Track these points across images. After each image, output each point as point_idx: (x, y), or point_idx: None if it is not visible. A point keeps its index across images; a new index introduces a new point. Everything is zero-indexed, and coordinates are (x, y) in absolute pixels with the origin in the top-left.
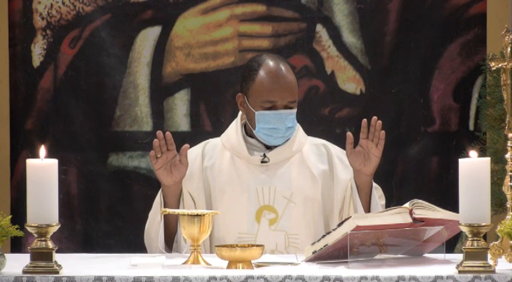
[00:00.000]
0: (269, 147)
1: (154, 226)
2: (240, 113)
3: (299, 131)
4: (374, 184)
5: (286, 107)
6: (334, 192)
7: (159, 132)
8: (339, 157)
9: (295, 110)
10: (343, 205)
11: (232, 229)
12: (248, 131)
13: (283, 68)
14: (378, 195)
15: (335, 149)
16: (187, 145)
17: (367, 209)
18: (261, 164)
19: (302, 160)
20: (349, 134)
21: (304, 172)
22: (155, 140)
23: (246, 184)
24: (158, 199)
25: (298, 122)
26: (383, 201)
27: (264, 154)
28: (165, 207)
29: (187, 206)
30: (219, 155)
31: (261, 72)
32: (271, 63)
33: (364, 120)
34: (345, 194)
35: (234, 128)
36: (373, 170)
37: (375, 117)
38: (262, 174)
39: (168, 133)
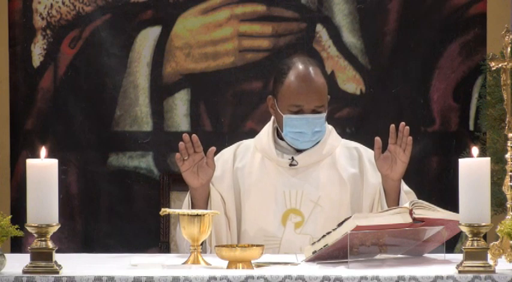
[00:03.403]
0: (299, 150)
1: None
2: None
3: (331, 134)
4: (407, 189)
5: (313, 111)
6: (363, 196)
7: (185, 135)
8: (371, 160)
9: (323, 114)
10: (371, 209)
11: (259, 231)
12: (280, 133)
13: (312, 71)
14: (409, 199)
15: (367, 153)
16: (214, 148)
17: None
18: (289, 166)
19: (333, 163)
20: (377, 138)
21: (334, 176)
22: (180, 142)
23: (274, 187)
24: (187, 201)
25: None
26: None
27: (292, 157)
28: (192, 208)
29: (215, 207)
30: (251, 156)
31: (290, 76)
32: (300, 66)
33: (392, 126)
34: (373, 198)
35: (266, 130)
36: (400, 175)
37: (402, 123)
38: (291, 177)
39: (194, 135)
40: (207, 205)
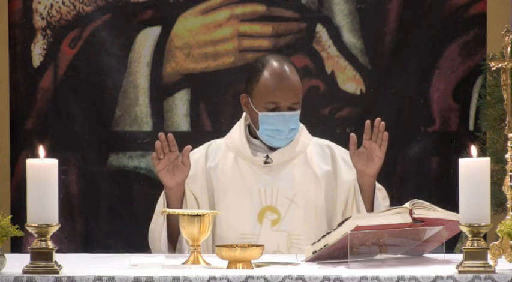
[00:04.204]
0: (272, 148)
1: (157, 227)
2: (244, 113)
3: (303, 131)
4: (378, 185)
5: (289, 109)
6: (337, 193)
7: (161, 134)
8: (343, 158)
9: (298, 112)
10: (346, 206)
11: (234, 230)
12: (252, 131)
13: (287, 69)
14: (381, 196)
15: (339, 150)
16: (189, 146)
17: (370, 210)
18: (264, 164)
19: (305, 161)
20: (352, 135)
21: (308, 173)
22: (157, 141)
23: (248, 185)
24: (161, 200)
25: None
26: (387, 203)
27: (267, 155)
28: (168, 208)
29: (190, 207)
30: (223, 155)
31: (265, 73)
32: (275, 64)
33: (368, 122)
34: (348, 195)
35: (238, 129)
36: (376, 171)
37: (378, 119)
38: (265, 175)
39: (170, 134)
40: (182, 204)
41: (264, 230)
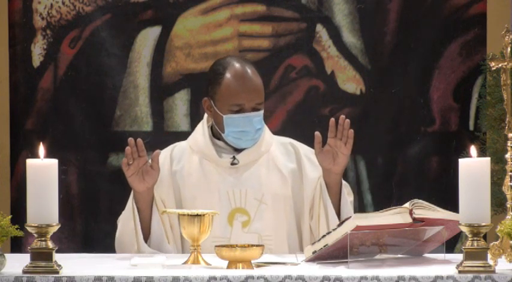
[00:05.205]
0: (237, 149)
1: (127, 232)
2: (206, 115)
3: (266, 131)
4: (343, 182)
5: (253, 109)
6: (303, 191)
7: (130, 139)
8: (307, 156)
9: (262, 111)
10: (313, 204)
11: None
12: (215, 133)
13: (249, 70)
14: (346, 191)
15: (303, 148)
16: (158, 151)
17: (337, 207)
18: (230, 166)
19: (270, 160)
20: (317, 133)
21: (274, 172)
22: (127, 147)
23: (216, 187)
24: (130, 205)
25: (298, 122)
26: (351, 198)
27: (234, 156)
28: (139, 213)
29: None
30: (188, 158)
31: (227, 76)
32: (236, 65)
33: (332, 120)
34: (314, 193)
35: (201, 131)
36: (342, 168)
37: (342, 116)
38: (232, 177)
39: (139, 140)
40: (152, 208)
41: (235, 232)
